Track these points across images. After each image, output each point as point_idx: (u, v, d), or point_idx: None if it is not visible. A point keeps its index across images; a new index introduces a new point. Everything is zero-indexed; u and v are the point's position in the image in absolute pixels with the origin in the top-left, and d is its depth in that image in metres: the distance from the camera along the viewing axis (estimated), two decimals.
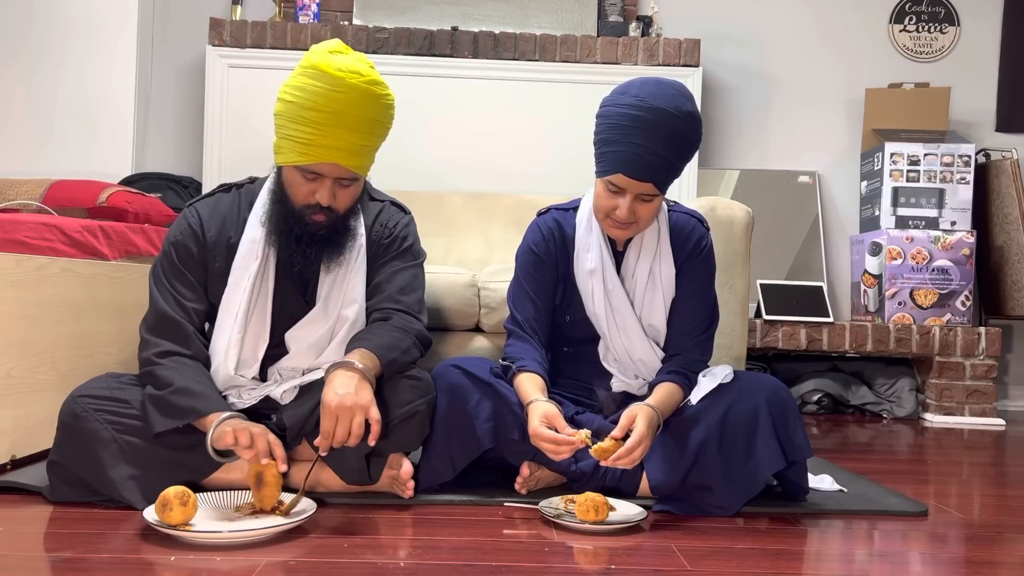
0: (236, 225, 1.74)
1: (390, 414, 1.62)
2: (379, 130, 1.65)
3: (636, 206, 1.68)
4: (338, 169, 1.62)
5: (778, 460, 1.64)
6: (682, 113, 1.62)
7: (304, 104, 1.57)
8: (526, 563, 1.33)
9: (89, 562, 1.27)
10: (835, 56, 3.95)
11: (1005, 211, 3.55)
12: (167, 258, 1.72)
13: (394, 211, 1.84)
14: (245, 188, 1.80)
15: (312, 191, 1.63)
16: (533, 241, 1.85)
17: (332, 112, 1.56)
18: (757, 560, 1.39)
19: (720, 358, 2.24)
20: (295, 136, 1.59)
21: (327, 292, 1.72)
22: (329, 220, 1.66)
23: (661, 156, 1.62)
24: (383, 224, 1.80)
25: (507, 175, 3.53)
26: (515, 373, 1.73)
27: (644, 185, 1.65)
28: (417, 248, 1.84)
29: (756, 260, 3.45)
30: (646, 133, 1.61)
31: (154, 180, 3.36)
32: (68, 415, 1.59)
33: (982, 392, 3.34)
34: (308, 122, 1.57)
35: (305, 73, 1.59)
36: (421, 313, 1.78)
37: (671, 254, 1.80)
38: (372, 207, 1.82)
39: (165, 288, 1.69)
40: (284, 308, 1.72)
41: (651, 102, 1.61)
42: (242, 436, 1.48)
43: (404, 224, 1.83)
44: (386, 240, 1.79)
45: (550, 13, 3.70)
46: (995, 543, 1.57)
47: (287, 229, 1.67)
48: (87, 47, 3.46)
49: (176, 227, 1.74)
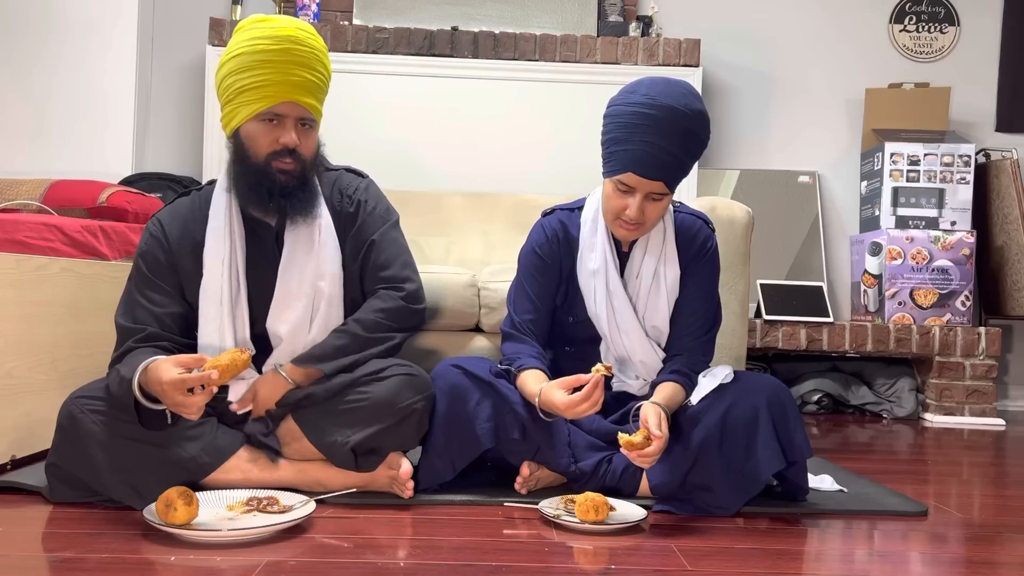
0: (199, 223, 1.75)
1: (385, 409, 1.63)
2: (323, 69, 1.71)
3: (646, 206, 1.68)
4: (297, 108, 1.67)
5: (778, 460, 1.64)
6: (693, 111, 1.62)
7: (252, 51, 1.64)
8: (526, 563, 1.33)
9: (89, 562, 1.27)
10: (835, 56, 3.95)
11: (1005, 211, 3.55)
12: (136, 271, 1.75)
13: (350, 177, 1.86)
14: (204, 190, 1.82)
15: (276, 137, 1.67)
16: (537, 242, 1.85)
17: (280, 48, 1.63)
18: (757, 560, 1.39)
19: (720, 358, 2.24)
20: (250, 84, 1.64)
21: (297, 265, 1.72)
22: (297, 167, 1.69)
23: (672, 154, 1.62)
24: (341, 192, 1.82)
25: (507, 175, 3.53)
26: (516, 374, 1.73)
27: (655, 184, 1.65)
28: (383, 208, 1.85)
29: (756, 260, 3.44)
30: (657, 131, 1.61)
31: (154, 180, 3.35)
32: (66, 417, 1.59)
33: (982, 392, 3.34)
34: (259, 64, 1.63)
35: (242, 34, 1.68)
36: (407, 280, 1.80)
37: (676, 255, 1.80)
38: (328, 177, 1.84)
39: (135, 302, 1.71)
40: (262, 287, 1.73)
41: (662, 100, 1.61)
42: (184, 408, 1.50)
43: (364, 188, 1.84)
44: (351, 209, 1.81)
45: (550, 13, 3.70)
46: (995, 543, 1.57)
47: (256, 185, 1.69)
48: (87, 47, 3.46)
49: (142, 241, 1.77)
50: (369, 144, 3.43)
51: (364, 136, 3.46)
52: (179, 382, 1.47)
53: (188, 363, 1.51)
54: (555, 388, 1.61)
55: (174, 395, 1.48)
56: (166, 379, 1.48)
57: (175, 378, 1.48)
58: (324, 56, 1.73)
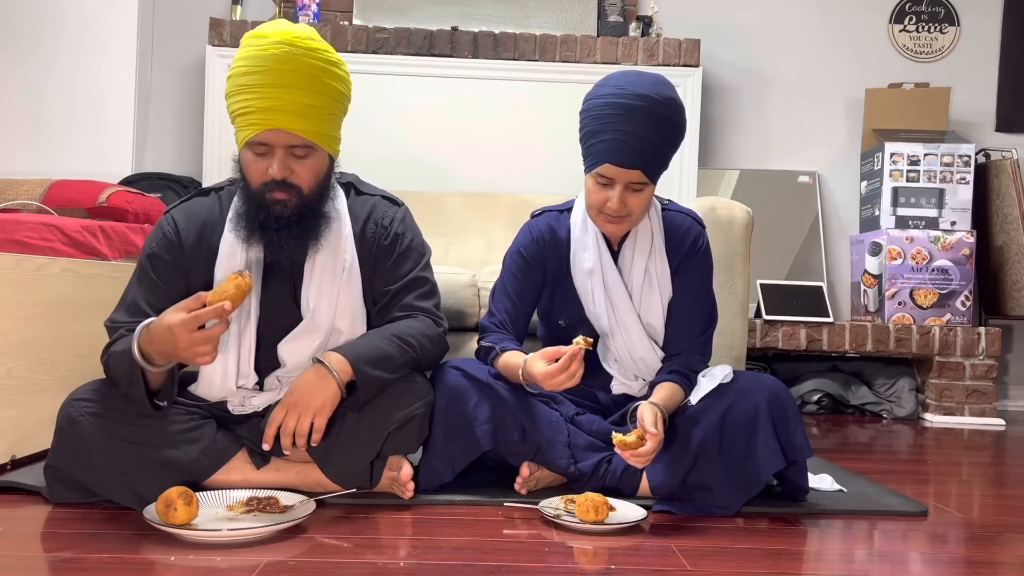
0: (216, 230, 1.66)
1: (388, 419, 1.62)
2: (322, 87, 1.55)
3: (627, 197, 1.68)
4: (285, 135, 1.53)
5: (778, 460, 1.64)
6: (664, 98, 1.64)
7: (240, 72, 1.54)
8: (526, 563, 1.33)
9: (89, 562, 1.27)
10: (835, 56, 3.95)
11: (1005, 211, 3.55)
12: (142, 272, 1.65)
13: (386, 206, 1.76)
14: (226, 190, 1.72)
15: (265, 167, 1.55)
16: (523, 243, 1.85)
17: (265, 70, 1.51)
18: (757, 560, 1.39)
19: (720, 358, 2.24)
20: (239, 109, 1.54)
21: (315, 301, 1.64)
22: (293, 200, 1.57)
23: (647, 141, 1.63)
24: (377, 223, 1.73)
25: (507, 175, 3.53)
26: (498, 353, 1.73)
27: (632, 173, 1.65)
28: (419, 243, 1.77)
29: (756, 260, 3.44)
30: (630, 120, 1.62)
31: (154, 180, 3.36)
32: (64, 420, 1.56)
33: (982, 392, 3.34)
34: (246, 88, 1.53)
35: (241, 46, 1.56)
36: (441, 316, 1.76)
37: (666, 253, 1.80)
38: (362, 203, 1.74)
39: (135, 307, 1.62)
40: (274, 315, 1.66)
41: (632, 89, 1.64)
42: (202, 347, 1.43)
43: (400, 219, 1.75)
44: (386, 242, 1.72)
45: (550, 13, 3.70)
46: (995, 543, 1.57)
47: (252, 215, 1.58)
48: (87, 47, 3.46)
49: (152, 237, 1.67)
50: (369, 144, 3.43)
51: (364, 136, 3.46)
52: (191, 320, 1.41)
53: (189, 305, 1.44)
54: (537, 359, 1.62)
55: (187, 336, 1.41)
56: (176, 321, 1.41)
57: (186, 317, 1.41)
58: (331, 67, 1.57)
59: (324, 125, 1.58)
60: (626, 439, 1.53)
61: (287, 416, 1.55)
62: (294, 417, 1.54)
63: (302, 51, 1.53)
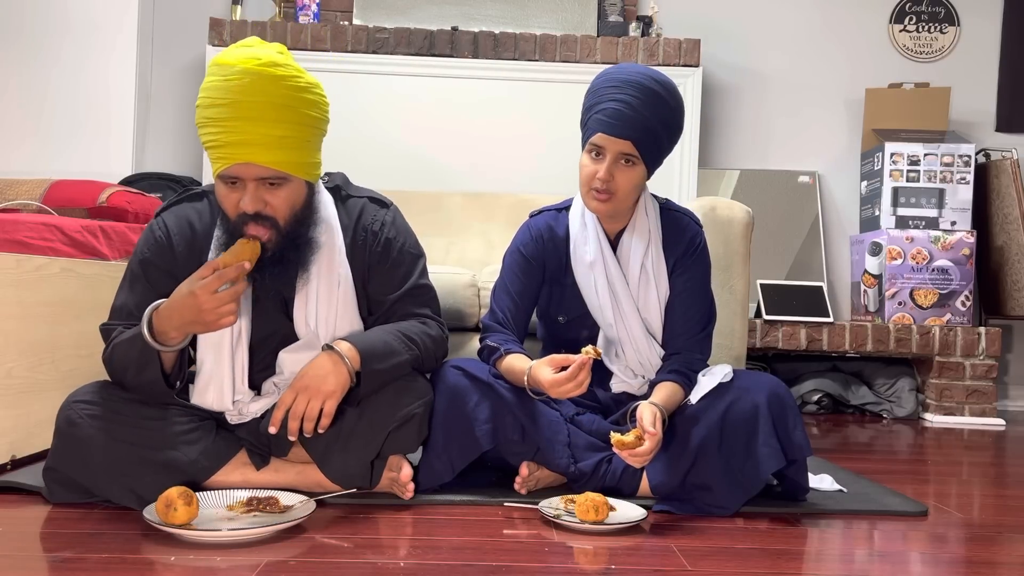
0: (206, 238, 1.63)
1: (388, 418, 1.62)
2: (293, 116, 1.48)
3: (615, 170, 1.69)
4: (255, 168, 1.47)
5: (778, 459, 1.64)
6: (661, 79, 1.70)
7: (205, 104, 1.47)
8: (526, 563, 1.33)
9: (89, 562, 1.27)
10: (835, 56, 3.95)
11: (1005, 211, 3.55)
12: (135, 276, 1.64)
13: (374, 209, 1.73)
14: (213, 197, 1.66)
15: (238, 199, 1.50)
16: (522, 242, 1.86)
17: (229, 103, 1.44)
18: (757, 560, 1.39)
19: (720, 358, 2.24)
20: (207, 142, 1.48)
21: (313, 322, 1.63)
22: (271, 235, 1.52)
23: (640, 113, 1.66)
24: (367, 229, 1.70)
25: (507, 175, 3.53)
26: (502, 355, 1.73)
27: (622, 143, 1.67)
28: (412, 244, 1.74)
29: (756, 260, 3.45)
30: (624, 92, 1.67)
31: (154, 180, 3.35)
32: (64, 422, 1.56)
33: (982, 392, 3.34)
34: (212, 122, 1.46)
35: (207, 73, 1.49)
36: (442, 320, 1.77)
37: (664, 250, 1.81)
38: (350, 208, 1.71)
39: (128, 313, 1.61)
40: (267, 331, 1.65)
41: (627, 72, 1.70)
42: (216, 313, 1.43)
43: (390, 223, 1.71)
44: (378, 249, 1.69)
45: (550, 13, 3.70)
46: (995, 543, 1.57)
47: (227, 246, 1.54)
48: (87, 47, 3.46)
49: (144, 242, 1.65)
50: (369, 144, 3.44)
51: (364, 136, 3.46)
52: (213, 281, 1.40)
53: (203, 274, 1.44)
54: (543, 365, 1.63)
55: (209, 297, 1.40)
56: (199, 285, 1.41)
57: (209, 278, 1.41)
58: (302, 93, 1.49)
59: (297, 154, 1.51)
60: (624, 439, 1.53)
61: (297, 399, 1.55)
62: (304, 400, 1.54)
63: (269, 80, 1.45)
